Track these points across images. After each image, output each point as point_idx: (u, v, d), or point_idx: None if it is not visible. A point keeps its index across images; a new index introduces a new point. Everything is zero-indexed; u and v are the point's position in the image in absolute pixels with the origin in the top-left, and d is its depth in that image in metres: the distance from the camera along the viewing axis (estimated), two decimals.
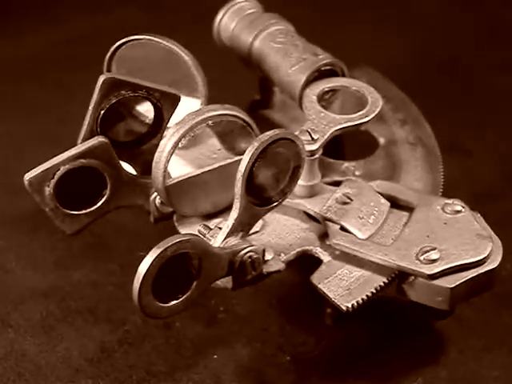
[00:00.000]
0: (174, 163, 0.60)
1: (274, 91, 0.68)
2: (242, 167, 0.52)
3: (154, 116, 0.56)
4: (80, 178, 0.55)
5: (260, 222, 0.58)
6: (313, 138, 0.57)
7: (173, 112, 0.56)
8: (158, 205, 0.58)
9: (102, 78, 0.53)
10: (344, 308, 0.53)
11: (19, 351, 0.59)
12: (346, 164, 0.63)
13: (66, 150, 0.54)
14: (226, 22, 0.67)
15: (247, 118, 0.56)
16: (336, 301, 0.54)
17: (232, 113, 0.55)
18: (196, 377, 0.57)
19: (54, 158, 0.54)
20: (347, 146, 0.68)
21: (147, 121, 0.56)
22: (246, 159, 0.52)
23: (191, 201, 0.57)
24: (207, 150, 0.62)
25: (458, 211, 0.57)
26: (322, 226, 0.58)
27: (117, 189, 0.56)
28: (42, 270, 0.65)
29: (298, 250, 0.57)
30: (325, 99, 0.62)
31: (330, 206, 0.58)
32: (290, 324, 0.61)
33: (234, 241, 0.53)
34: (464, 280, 0.54)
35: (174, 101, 0.56)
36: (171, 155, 0.54)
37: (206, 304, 0.62)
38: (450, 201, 0.58)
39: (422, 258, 0.54)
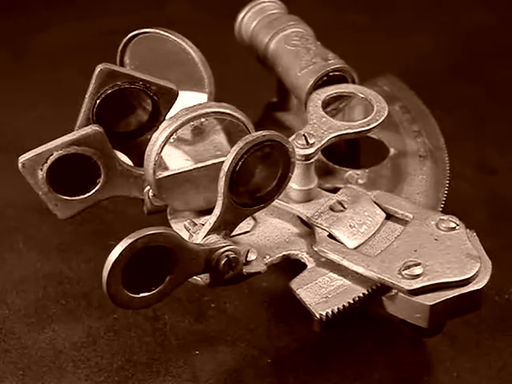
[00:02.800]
0: (178, 157, 0.61)
1: (291, 94, 0.67)
2: (226, 166, 0.52)
3: (151, 109, 0.56)
4: (74, 164, 0.56)
5: (251, 223, 0.59)
6: (308, 143, 0.57)
7: (171, 107, 0.57)
8: (151, 197, 0.58)
9: (98, 68, 0.54)
10: (318, 316, 0.53)
11: (9, 329, 0.60)
12: (350, 172, 0.62)
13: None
14: (247, 21, 0.67)
15: (243, 118, 0.56)
16: (311, 308, 0.53)
17: (226, 111, 0.56)
18: (174, 371, 0.58)
19: (49, 143, 0.55)
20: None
21: (144, 113, 0.57)
22: (229, 158, 0.52)
23: (182, 195, 0.57)
24: (212, 146, 0.63)
25: (452, 228, 0.56)
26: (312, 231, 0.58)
27: (111, 178, 0.57)
28: (46, 253, 0.66)
29: (284, 253, 0.57)
30: (333, 105, 0.62)
31: (322, 212, 0.57)
32: (278, 327, 0.61)
33: (214, 239, 0.54)
34: (445, 299, 0.53)
35: (172, 96, 0.56)
36: (162, 148, 0.55)
37: (198, 300, 0.62)
38: (445, 217, 0.57)
39: (404, 272, 0.53)
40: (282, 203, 0.59)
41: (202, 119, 0.57)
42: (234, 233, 0.57)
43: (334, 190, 0.60)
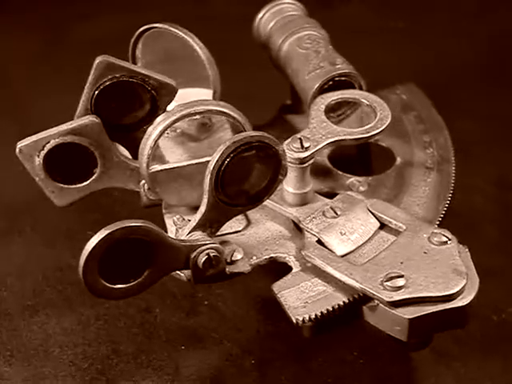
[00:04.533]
0: (180, 152, 0.62)
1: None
2: (211, 164, 0.52)
3: (150, 103, 0.57)
4: (70, 153, 0.56)
5: (243, 223, 0.59)
6: (303, 146, 0.56)
7: (169, 101, 0.57)
8: (146, 191, 0.59)
9: (97, 60, 0.55)
10: (294, 320, 0.52)
11: (4, 310, 0.62)
12: (352, 179, 0.62)
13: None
14: (265, 22, 0.67)
15: (240, 118, 0.56)
16: (289, 312, 0.53)
17: (223, 110, 0.56)
18: (157, 363, 0.58)
19: (46, 131, 0.56)
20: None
21: (142, 107, 0.57)
22: (215, 157, 0.52)
23: (176, 191, 0.57)
24: (217, 144, 0.62)
25: (444, 242, 0.55)
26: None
27: (107, 169, 0.58)
28: (52, 239, 0.67)
29: (272, 255, 0.56)
30: (340, 110, 0.61)
31: (314, 217, 0.57)
32: (267, 329, 0.60)
33: (198, 235, 0.54)
34: (425, 313, 0.52)
35: (171, 91, 0.56)
36: (155, 143, 0.55)
37: (192, 295, 0.63)
38: (438, 230, 0.55)
39: (386, 283, 0.52)
40: (277, 205, 0.59)
41: (207, 116, 0.57)
42: (224, 231, 0.57)
43: (332, 196, 0.60)
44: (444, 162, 0.63)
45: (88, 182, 0.58)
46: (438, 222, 0.59)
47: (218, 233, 0.57)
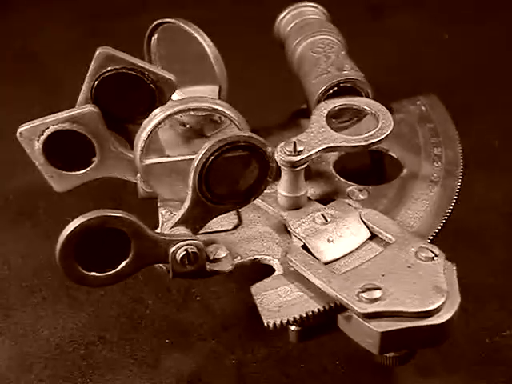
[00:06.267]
0: (185, 148, 0.62)
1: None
2: (195, 161, 0.52)
3: (148, 97, 0.57)
4: (69, 140, 0.58)
5: (235, 222, 0.59)
6: (296, 150, 0.56)
7: (169, 96, 0.57)
8: (142, 183, 0.59)
9: (97, 51, 0.56)
10: (265, 323, 0.52)
11: (3, 289, 0.63)
12: (353, 186, 0.61)
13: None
14: (285, 24, 0.67)
15: (235, 117, 0.56)
16: (262, 314, 0.53)
17: (218, 108, 0.56)
18: (139, 354, 0.59)
19: (46, 117, 0.57)
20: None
21: (141, 100, 0.58)
22: (200, 154, 0.52)
23: (169, 185, 0.58)
24: None
25: (430, 258, 0.54)
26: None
27: (105, 158, 0.58)
28: (63, 223, 0.68)
29: (257, 257, 0.56)
30: (345, 116, 0.61)
31: (304, 222, 0.57)
32: (253, 330, 0.60)
33: (180, 231, 0.54)
34: (398, 328, 0.51)
35: (170, 86, 0.57)
36: (148, 136, 0.56)
37: (186, 291, 0.63)
38: (426, 246, 0.54)
39: (362, 294, 0.52)
40: (269, 207, 0.58)
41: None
42: (213, 229, 0.58)
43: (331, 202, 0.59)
44: (450, 176, 0.62)
45: (86, 169, 0.59)
46: (431, 237, 0.58)
47: (207, 230, 0.58)
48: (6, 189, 0.72)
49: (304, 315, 0.52)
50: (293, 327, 0.59)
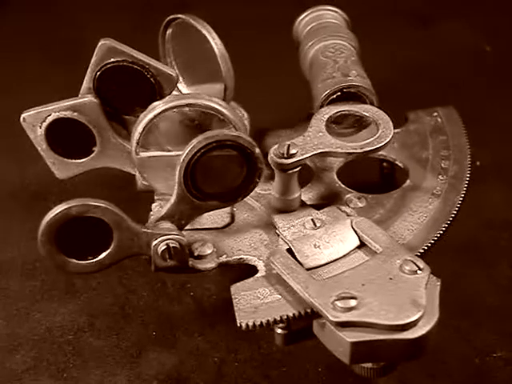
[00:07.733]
0: (186, 143, 0.62)
1: None
2: (181, 157, 0.53)
3: (149, 90, 0.58)
4: (71, 129, 0.58)
5: (226, 220, 0.59)
6: (288, 153, 0.56)
7: (170, 91, 0.58)
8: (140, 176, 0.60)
9: (100, 42, 0.56)
10: (238, 324, 0.52)
11: (4, 270, 0.65)
12: (351, 194, 0.60)
13: None
14: (303, 26, 0.66)
15: (232, 116, 0.56)
16: (237, 314, 0.53)
17: (214, 106, 0.56)
18: (123, 344, 0.60)
19: (49, 104, 0.58)
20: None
21: (142, 93, 0.58)
22: (186, 150, 0.53)
23: (164, 179, 0.58)
24: None
25: (414, 271, 0.53)
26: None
27: (105, 148, 0.59)
28: None
29: (242, 256, 0.56)
30: (348, 122, 0.60)
31: (293, 226, 0.56)
32: (241, 331, 0.60)
33: (164, 225, 0.54)
34: (369, 339, 0.50)
35: (171, 81, 0.57)
36: (144, 129, 0.56)
37: (181, 285, 0.63)
38: (412, 258, 0.53)
39: (337, 302, 0.51)
40: (262, 208, 0.58)
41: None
42: (204, 225, 0.58)
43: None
44: (453, 191, 0.60)
45: (87, 158, 0.60)
46: (421, 250, 0.57)
47: (197, 226, 0.58)
48: (24, 173, 0.74)
49: (278, 318, 0.52)
50: (279, 330, 0.59)
